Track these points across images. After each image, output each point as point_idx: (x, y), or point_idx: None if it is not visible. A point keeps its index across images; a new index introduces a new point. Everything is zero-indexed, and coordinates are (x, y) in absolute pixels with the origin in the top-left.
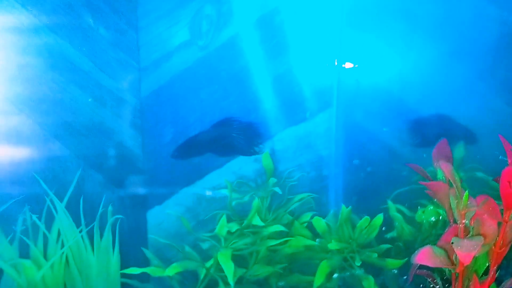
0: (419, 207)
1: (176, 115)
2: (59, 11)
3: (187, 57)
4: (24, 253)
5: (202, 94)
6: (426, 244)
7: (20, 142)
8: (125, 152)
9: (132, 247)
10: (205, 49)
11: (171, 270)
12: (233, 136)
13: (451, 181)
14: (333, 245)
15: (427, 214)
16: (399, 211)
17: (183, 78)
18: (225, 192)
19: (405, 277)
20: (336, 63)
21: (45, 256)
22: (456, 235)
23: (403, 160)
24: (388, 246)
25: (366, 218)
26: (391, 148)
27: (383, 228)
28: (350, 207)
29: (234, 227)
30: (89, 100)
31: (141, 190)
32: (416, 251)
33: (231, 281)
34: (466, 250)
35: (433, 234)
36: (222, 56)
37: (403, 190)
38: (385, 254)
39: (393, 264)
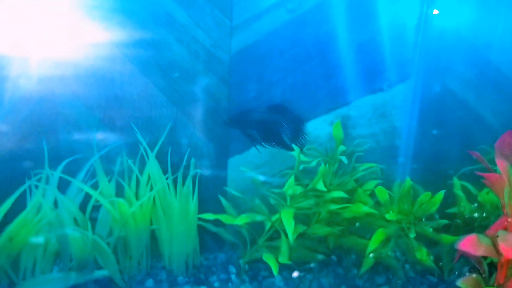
0: (485, 188)
1: (261, 73)
2: None
3: (276, 19)
4: (119, 191)
5: (287, 56)
6: (486, 225)
7: (123, 87)
8: (212, 104)
9: (211, 195)
10: (293, 13)
11: (241, 220)
12: (282, 126)
13: (505, 178)
14: (390, 216)
15: (492, 196)
16: (464, 188)
17: (270, 38)
18: (294, 154)
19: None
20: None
21: (136, 196)
22: (505, 228)
23: (479, 138)
24: (446, 222)
25: (427, 193)
26: (469, 124)
27: (446, 203)
28: (412, 181)
29: (298, 189)
30: (185, 52)
31: (224, 141)
32: (461, 237)
33: (290, 237)
34: (509, 245)
35: (495, 216)
36: (309, 21)
37: (472, 168)
38: (444, 229)
39: (447, 239)
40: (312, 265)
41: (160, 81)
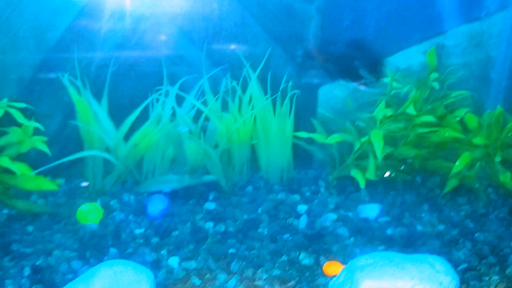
0: None
1: (355, 2)
2: None
3: None
4: (224, 109)
5: None
6: None
7: (224, 23)
8: (306, 33)
9: (303, 116)
10: None
11: (332, 139)
12: (359, 62)
13: None
14: (477, 140)
15: None
16: None
17: None
18: (386, 80)
19: None
20: None
21: (239, 113)
22: None
23: None
24: None
25: None
26: None
27: None
28: (502, 109)
29: (389, 112)
30: None
31: (316, 69)
32: None
33: (378, 155)
34: None
35: None
36: None
37: None
38: None
39: None
40: (396, 184)
41: (256, 11)
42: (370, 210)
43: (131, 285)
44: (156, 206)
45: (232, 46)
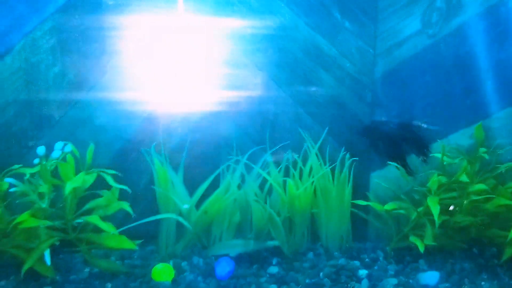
0: None
1: (402, 94)
2: (314, 9)
3: (416, 44)
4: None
5: (427, 77)
6: None
7: (278, 111)
8: (356, 123)
9: (357, 185)
10: (433, 37)
11: (389, 206)
12: (407, 143)
13: None
14: None
15: None
16: None
17: (412, 62)
18: (438, 155)
19: None
20: None
21: (301, 182)
22: None
23: None
24: None
25: None
26: None
27: None
28: None
29: (443, 179)
30: (331, 79)
31: (367, 156)
32: None
33: (436, 218)
34: None
35: None
36: (448, 43)
37: None
38: None
39: None
40: (453, 254)
41: (310, 107)
42: (430, 277)
43: None
44: (223, 268)
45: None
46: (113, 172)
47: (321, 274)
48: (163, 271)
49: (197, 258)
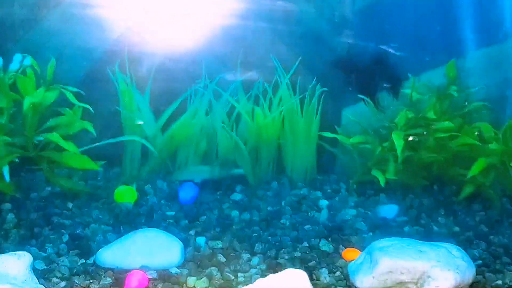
0: None
1: (381, 28)
2: None
3: None
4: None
5: (407, 12)
6: None
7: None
8: (333, 57)
9: (329, 125)
10: None
11: (355, 139)
12: (380, 78)
13: None
14: (493, 146)
15: None
16: None
17: None
18: (408, 91)
19: None
20: None
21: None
22: None
23: None
24: None
25: None
26: None
27: None
28: None
29: (410, 115)
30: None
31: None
32: None
33: (399, 153)
34: None
35: None
36: None
37: None
38: None
39: None
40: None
41: (287, 38)
42: (389, 210)
43: (163, 251)
44: (187, 193)
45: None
46: (75, 89)
47: (283, 202)
48: (125, 193)
49: (162, 182)
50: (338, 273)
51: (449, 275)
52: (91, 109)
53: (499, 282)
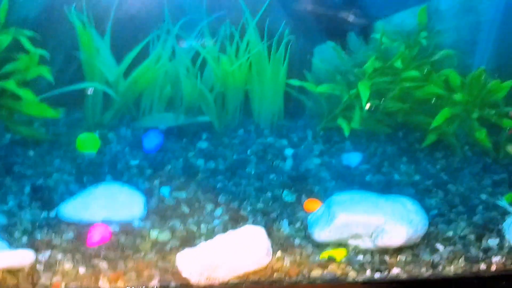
0: None
1: None
2: None
3: None
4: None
5: None
6: None
7: None
8: None
9: (299, 70)
10: None
11: (321, 89)
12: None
13: None
14: (458, 96)
15: None
16: None
17: None
18: (377, 35)
19: None
20: None
21: (236, 58)
22: None
23: None
24: (511, 108)
25: (497, 81)
26: None
27: None
28: (483, 68)
29: (377, 64)
30: None
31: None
32: None
33: (364, 104)
34: None
35: None
36: None
37: None
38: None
39: (508, 123)
40: (379, 137)
41: None
42: (352, 158)
43: (126, 205)
44: (151, 141)
45: None
46: (30, 33)
47: (248, 151)
48: (88, 141)
49: (125, 129)
50: (298, 224)
51: (401, 229)
52: (47, 54)
53: (451, 233)
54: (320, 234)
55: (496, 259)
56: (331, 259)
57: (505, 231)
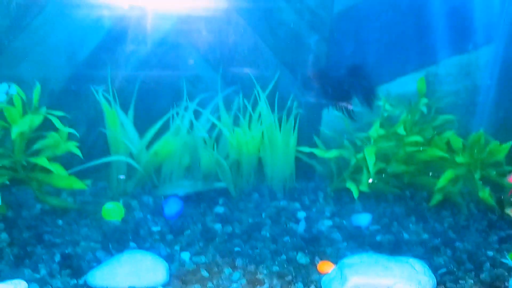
0: None
1: (358, 33)
2: None
3: None
4: (236, 125)
5: (383, 18)
6: None
7: (237, 41)
8: (313, 59)
9: (308, 134)
10: None
11: (331, 154)
12: (355, 89)
13: None
14: (460, 159)
15: None
16: None
17: (369, 1)
18: (380, 102)
19: None
20: None
21: (249, 128)
22: None
23: None
24: (510, 168)
25: (496, 142)
26: None
27: None
28: (483, 132)
29: (381, 131)
30: (292, 11)
31: (321, 92)
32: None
33: (371, 169)
34: None
35: None
36: None
37: None
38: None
39: (508, 184)
40: (387, 197)
41: (268, 37)
42: (362, 219)
43: (149, 272)
44: (172, 207)
45: (245, 69)
46: (61, 114)
47: (263, 214)
48: (113, 210)
49: (147, 197)
50: (312, 286)
51: None
52: (76, 133)
53: None
54: None
55: None
56: None
57: None
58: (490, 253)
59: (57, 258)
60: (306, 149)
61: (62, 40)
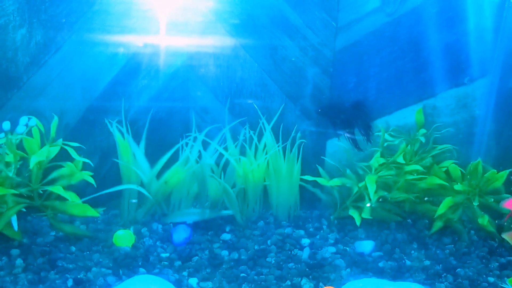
0: None
1: (359, 68)
2: None
3: (375, 21)
4: (242, 155)
5: (383, 53)
6: None
7: (244, 75)
8: (316, 93)
9: (313, 163)
10: (391, 16)
11: (334, 182)
12: (356, 122)
13: None
14: (458, 187)
15: None
16: None
17: (370, 38)
18: (380, 133)
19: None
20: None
21: (255, 157)
22: None
23: None
24: (509, 196)
25: (493, 171)
26: None
27: None
28: (479, 160)
29: (382, 160)
30: (296, 48)
31: (325, 124)
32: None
33: (371, 196)
34: None
35: None
36: (404, 23)
37: None
38: None
39: (507, 210)
40: (389, 224)
41: (274, 72)
42: (365, 246)
43: None
44: (180, 234)
45: (251, 102)
46: (76, 144)
47: (269, 241)
48: (124, 237)
49: (157, 224)
50: None
51: None
52: (90, 163)
53: None
54: None
55: None
56: None
57: None
58: (491, 279)
59: (70, 283)
60: (310, 178)
61: (78, 75)
